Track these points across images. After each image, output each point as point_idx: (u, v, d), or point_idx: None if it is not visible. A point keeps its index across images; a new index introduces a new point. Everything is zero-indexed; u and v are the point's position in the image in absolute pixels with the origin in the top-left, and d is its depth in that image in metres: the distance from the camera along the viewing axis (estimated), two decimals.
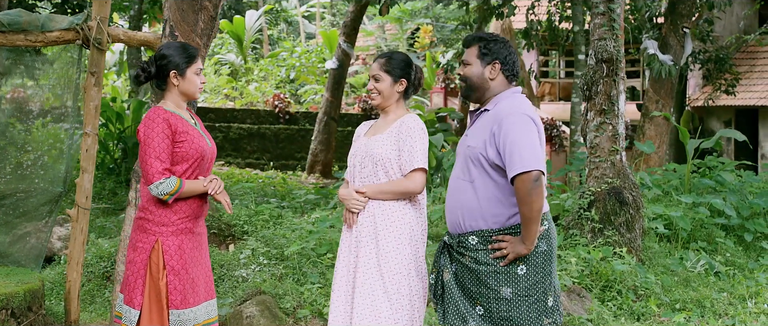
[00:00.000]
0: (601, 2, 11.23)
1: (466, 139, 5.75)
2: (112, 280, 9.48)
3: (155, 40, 8.28)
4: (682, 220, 11.82)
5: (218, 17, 7.69)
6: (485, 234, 5.55)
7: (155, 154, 5.79)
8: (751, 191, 13.98)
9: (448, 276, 5.72)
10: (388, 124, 6.19)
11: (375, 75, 6.18)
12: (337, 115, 24.46)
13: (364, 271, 5.99)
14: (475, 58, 5.75)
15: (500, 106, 5.63)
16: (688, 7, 16.75)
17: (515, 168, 5.35)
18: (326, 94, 24.27)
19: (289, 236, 10.47)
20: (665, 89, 16.97)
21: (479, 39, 5.78)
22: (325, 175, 23.85)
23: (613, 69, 11.14)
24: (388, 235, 5.99)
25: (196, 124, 6.16)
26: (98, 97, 8.30)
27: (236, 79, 31.64)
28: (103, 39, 8.15)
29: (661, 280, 10.26)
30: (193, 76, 6.05)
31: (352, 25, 23.95)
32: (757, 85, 29.70)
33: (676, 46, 16.75)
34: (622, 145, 11.21)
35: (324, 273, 9.55)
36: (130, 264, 5.95)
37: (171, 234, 5.90)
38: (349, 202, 6.12)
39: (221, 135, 25.65)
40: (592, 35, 11.35)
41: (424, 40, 42.01)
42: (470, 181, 5.62)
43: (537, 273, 5.51)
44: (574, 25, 17.87)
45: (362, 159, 6.19)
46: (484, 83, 5.74)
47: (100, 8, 8.22)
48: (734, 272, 11.23)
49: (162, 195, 5.78)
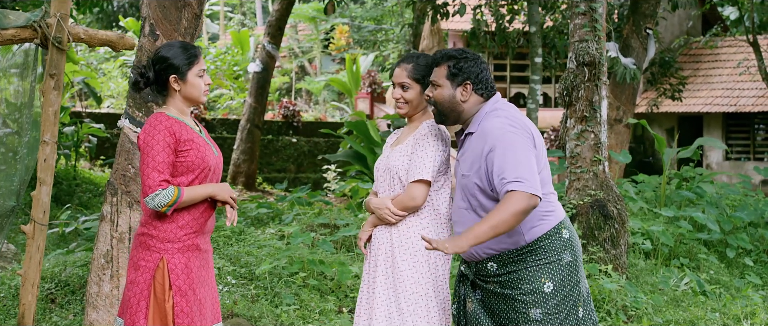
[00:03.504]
0: (582, 1, 11.26)
1: (459, 167, 5.74)
2: (58, 303, 9.29)
3: (118, 40, 8.10)
4: (664, 235, 11.91)
5: (203, 15, 7.56)
6: (503, 257, 5.55)
7: (154, 165, 5.66)
8: (729, 204, 14.17)
9: (473, 306, 5.71)
10: (411, 132, 6.14)
11: (402, 83, 6.07)
12: (262, 122, 24.29)
13: (381, 292, 5.95)
14: (445, 78, 5.71)
15: (487, 124, 5.59)
16: (652, 7, 16.91)
17: (511, 184, 5.28)
18: (249, 100, 24.07)
19: (257, 253, 10.36)
20: (626, 94, 17.14)
21: (448, 57, 5.73)
22: (248, 188, 23.63)
23: (596, 73, 11.18)
24: (405, 253, 5.95)
25: (201, 131, 6.05)
26: (58, 101, 8.11)
27: None
28: (64, 38, 7.94)
29: (652, 300, 10.33)
30: (195, 78, 5.94)
31: (278, 24, 23.80)
32: (702, 90, 30.14)
33: (638, 49, 16.90)
34: (604, 154, 11.25)
35: (298, 293, 9.46)
36: (132, 285, 5.80)
37: (177, 252, 5.77)
38: (383, 212, 6.05)
39: None
40: (571, 37, 11.37)
41: (340, 41, 42.00)
42: (472, 210, 5.61)
43: (564, 287, 5.51)
44: (530, 25, 17.92)
45: (383, 171, 6.16)
46: (456, 106, 5.71)
47: (59, 4, 8.03)
48: (720, 290, 11.34)
49: (159, 207, 5.64)
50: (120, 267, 7.43)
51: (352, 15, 44.07)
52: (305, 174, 26.66)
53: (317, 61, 42.04)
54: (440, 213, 6.05)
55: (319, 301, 9.38)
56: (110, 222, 7.52)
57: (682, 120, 30.96)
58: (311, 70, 41.60)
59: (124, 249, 7.38)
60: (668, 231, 12.19)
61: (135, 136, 7.24)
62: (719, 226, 12.96)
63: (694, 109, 29.64)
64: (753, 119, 30.48)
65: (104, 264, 7.46)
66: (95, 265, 7.70)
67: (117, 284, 7.43)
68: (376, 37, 46.12)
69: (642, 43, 16.86)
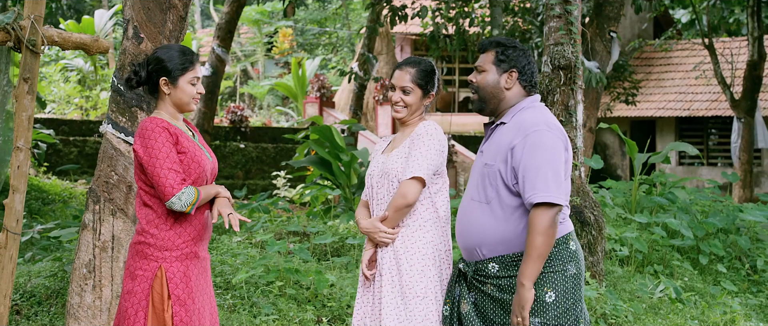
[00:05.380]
0: (557, 4, 11.26)
1: (482, 157, 5.68)
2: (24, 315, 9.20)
3: (92, 43, 8.01)
4: (638, 242, 11.96)
5: (188, 17, 7.49)
6: (507, 260, 5.49)
7: (167, 165, 5.60)
8: (699, 209, 14.26)
9: (467, 308, 5.63)
10: (405, 137, 6.12)
11: (404, 87, 6.05)
12: (211, 127, 24.13)
13: (388, 301, 5.90)
14: (491, 64, 5.66)
15: (522, 117, 5.55)
16: (616, 10, 16.95)
17: (538, 195, 5.27)
18: (199, 105, 23.90)
19: (232, 262, 10.29)
20: (590, 99, 17.16)
21: (496, 44, 5.69)
22: None
23: (571, 77, 11.18)
24: (411, 259, 5.91)
25: (194, 136, 6.00)
26: (31, 106, 8.00)
27: (86, 87, 30.98)
28: (38, 40, 7.84)
29: (631, 307, 10.37)
30: (187, 85, 5.87)
31: (227, 27, 23.63)
32: (654, 94, 30.40)
33: (602, 52, 16.94)
34: (580, 159, 11.26)
35: (275, 303, 9.41)
36: (129, 295, 5.73)
37: (175, 260, 5.72)
38: (376, 235, 6.03)
39: (76, 150, 25.06)
40: (546, 40, 11.37)
41: (284, 44, 41.89)
42: (487, 203, 5.54)
43: (567, 300, 5.44)
44: (492, 28, 17.94)
45: (379, 178, 6.12)
46: (499, 93, 5.65)
47: (33, 6, 7.92)
48: (696, 298, 11.41)
49: (185, 207, 5.58)
50: (102, 277, 7.34)
51: (296, 18, 43.99)
52: (253, 181, 26.51)
53: (260, 65, 41.92)
54: (440, 215, 6.04)
55: (298, 311, 9.33)
56: (92, 230, 7.41)
57: (634, 124, 31.21)
58: (254, 74, 41.48)
59: (107, 259, 7.29)
60: (642, 238, 12.24)
61: (118, 142, 7.17)
62: (692, 232, 13.04)
63: (647, 113, 29.89)
64: (707, 123, 30.78)
65: (86, 274, 7.35)
66: (77, 275, 7.59)
67: (99, 294, 7.33)
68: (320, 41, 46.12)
69: (606, 46, 16.88)
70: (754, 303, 11.71)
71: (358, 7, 44.08)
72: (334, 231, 12.17)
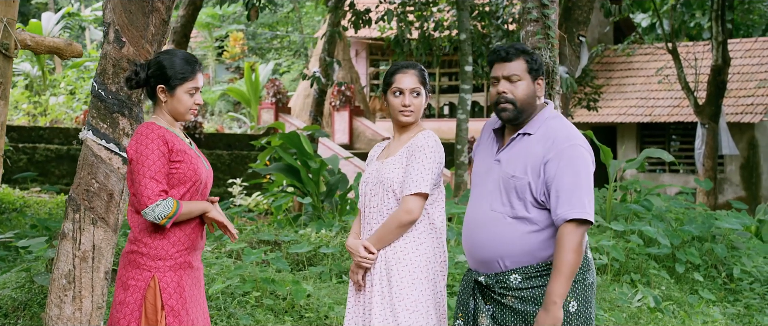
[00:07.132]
0: (535, 8, 11.26)
1: (502, 166, 5.58)
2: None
3: (66, 47, 7.93)
4: (615, 250, 11.99)
5: (170, 21, 7.42)
6: (530, 271, 5.46)
7: (150, 174, 5.56)
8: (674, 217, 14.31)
9: (486, 321, 5.58)
10: (402, 144, 6.07)
11: (416, 89, 6.01)
12: None
13: (378, 313, 5.88)
14: (525, 72, 5.56)
15: (551, 128, 5.51)
16: (585, 14, 17.01)
17: (574, 211, 5.26)
18: None
19: (207, 272, 10.23)
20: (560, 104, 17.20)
21: (523, 51, 5.59)
22: None
23: (549, 82, 11.21)
24: (402, 270, 5.88)
25: (191, 143, 5.95)
26: (4, 112, 7.91)
27: (34, 93, 30.73)
28: (11, 44, 7.76)
29: (613, 317, 10.39)
30: (184, 95, 5.84)
31: (183, 31, 23.46)
32: (615, 100, 30.53)
33: (571, 56, 16.97)
34: None
35: (252, 314, 9.36)
36: (121, 306, 5.70)
37: (169, 270, 5.69)
38: (356, 258, 6.00)
39: (25, 157, 24.82)
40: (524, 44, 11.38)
41: (235, 48, 41.82)
42: (513, 216, 5.48)
43: (588, 309, 5.47)
44: (460, 33, 17.96)
45: (374, 185, 6.07)
46: (533, 101, 5.59)
47: (6, 9, 7.83)
48: (674, 307, 11.45)
49: (159, 219, 5.53)
50: (82, 287, 7.23)
51: (246, 22, 43.86)
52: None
53: (211, 70, 41.79)
54: (436, 226, 6.01)
55: (275, 322, 9.29)
56: (72, 240, 7.30)
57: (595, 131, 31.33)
58: (204, 79, 41.30)
59: (88, 269, 7.19)
60: (618, 246, 12.27)
61: (99, 149, 7.07)
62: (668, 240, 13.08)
63: (608, 118, 29.99)
64: (668, 129, 30.93)
65: (66, 285, 7.25)
66: (56, 286, 7.49)
67: (79, 306, 7.23)
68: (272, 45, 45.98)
69: (575, 50, 16.90)
70: (732, 312, 11.76)
71: (310, 10, 44.00)
72: (307, 240, 12.11)
